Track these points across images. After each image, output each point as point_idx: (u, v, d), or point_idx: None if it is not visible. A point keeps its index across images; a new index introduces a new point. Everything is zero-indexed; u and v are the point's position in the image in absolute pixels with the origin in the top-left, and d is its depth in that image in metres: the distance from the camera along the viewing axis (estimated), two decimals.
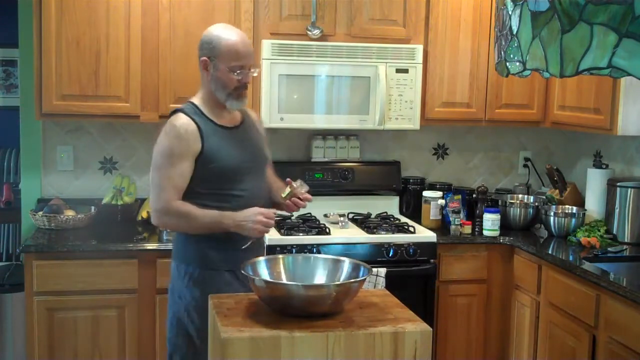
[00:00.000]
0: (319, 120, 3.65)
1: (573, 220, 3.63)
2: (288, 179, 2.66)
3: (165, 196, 2.48)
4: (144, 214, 3.70)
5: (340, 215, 3.69)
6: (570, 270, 3.12)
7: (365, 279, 2.15)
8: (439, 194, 3.83)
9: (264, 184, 2.71)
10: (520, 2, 1.55)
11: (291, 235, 3.43)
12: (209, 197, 2.53)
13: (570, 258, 3.24)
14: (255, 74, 2.61)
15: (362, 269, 2.23)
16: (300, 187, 2.63)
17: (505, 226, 3.77)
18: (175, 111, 2.57)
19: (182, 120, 2.52)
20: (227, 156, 2.54)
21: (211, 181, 2.52)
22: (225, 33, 2.55)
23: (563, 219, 3.65)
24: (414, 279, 3.47)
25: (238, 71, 2.52)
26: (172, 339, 2.62)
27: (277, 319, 2.06)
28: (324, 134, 3.97)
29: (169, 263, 3.27)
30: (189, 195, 2.52)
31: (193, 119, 2.52)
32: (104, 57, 3.43)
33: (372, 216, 3.88)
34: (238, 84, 2.54)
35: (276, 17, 3.57)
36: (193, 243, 2.58)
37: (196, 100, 2.61)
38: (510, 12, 1.60)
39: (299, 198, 2.63)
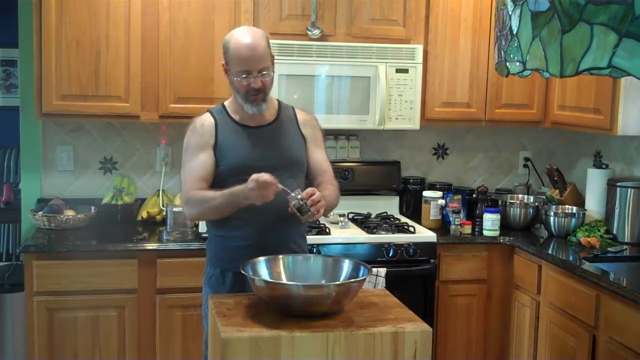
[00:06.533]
0: (319, 120, 3.63)
1: (573, 220, 3.63)
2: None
3: (186, 188, 2.53)
4: (144, 214, 3.70)
5: (340, 215, 3.69)
6: (570, 270, 3.11)
7: (365, 279, 2.16)
8: (439, 194, 3.82)
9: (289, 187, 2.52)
10: (520, 2, 1.55)
11: None
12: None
13: (570, 258, 3.24)
14: (266, 78, 2.50)
15: (362, 269, 2.23)
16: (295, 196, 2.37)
17: (505, 226, 3.77)
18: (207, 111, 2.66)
19: (202, 116, 2.61)
20: (240, 152, 2.53)
21: (223, 175, 2.52)
22: (236, 37, 2.51)
23: (563, 219, 3.64)
24: (414, 279, 3.47)
25: (243, 76, 2.48)
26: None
27: (277, 319, 2.07)
28: (324, 133, 3.95)
29: (169, 263, 3.31)
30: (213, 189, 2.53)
31: (214, 116, 2.59)
32: (104, 57, 3.43)
33: (372, 216, 3.88)
34: (248, 89, 2.50)
35: (276, 17, 3.57)
36: (212, 243, 2.63)
37: (227, 100, 2.67)
38: (510, 12, 1.61)
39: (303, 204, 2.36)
